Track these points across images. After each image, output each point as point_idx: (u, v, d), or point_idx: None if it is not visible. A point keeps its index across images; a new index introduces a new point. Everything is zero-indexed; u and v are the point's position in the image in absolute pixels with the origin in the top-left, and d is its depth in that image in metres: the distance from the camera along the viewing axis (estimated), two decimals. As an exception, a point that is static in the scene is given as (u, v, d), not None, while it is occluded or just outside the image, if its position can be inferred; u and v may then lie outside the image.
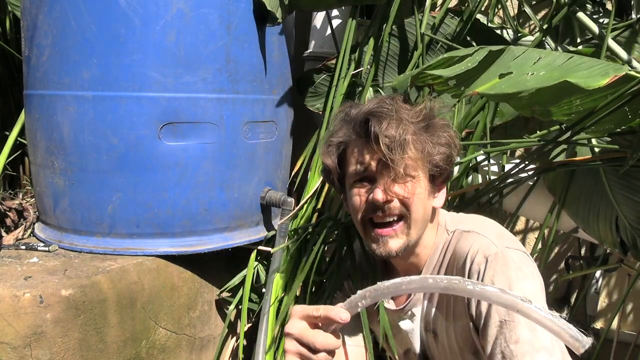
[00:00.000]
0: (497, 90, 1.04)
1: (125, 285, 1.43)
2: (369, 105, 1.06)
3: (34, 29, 1.53)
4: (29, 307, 1.24)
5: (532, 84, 0.99)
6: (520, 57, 1.12)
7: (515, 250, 1.01)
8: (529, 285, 0.97)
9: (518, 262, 0.99)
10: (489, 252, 0.99)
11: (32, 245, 1.56)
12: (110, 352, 1.40)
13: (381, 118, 1.01)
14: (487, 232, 1.04)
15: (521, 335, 0.92)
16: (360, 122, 1.04)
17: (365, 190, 1.06)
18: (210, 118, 1.53)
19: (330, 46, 1.93)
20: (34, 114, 1.59)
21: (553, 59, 1.06)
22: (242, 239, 1.68)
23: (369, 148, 1.03)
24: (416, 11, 1.68)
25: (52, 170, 1.56)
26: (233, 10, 1.53)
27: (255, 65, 1.61)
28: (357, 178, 1.06)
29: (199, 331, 1.69)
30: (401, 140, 1.00)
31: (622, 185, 1.46)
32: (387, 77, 1.80)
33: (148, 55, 1.45)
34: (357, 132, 1.05)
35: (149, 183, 1.51)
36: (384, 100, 1.06)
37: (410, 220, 1.04)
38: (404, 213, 1.04)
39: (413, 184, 1.03)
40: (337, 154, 1.10)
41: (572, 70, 1.00)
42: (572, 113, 1.17)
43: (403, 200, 1.03)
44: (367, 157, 1.04)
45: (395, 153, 0.99)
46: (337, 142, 1.10)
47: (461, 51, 1.18)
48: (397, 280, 0.74)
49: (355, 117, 1.06)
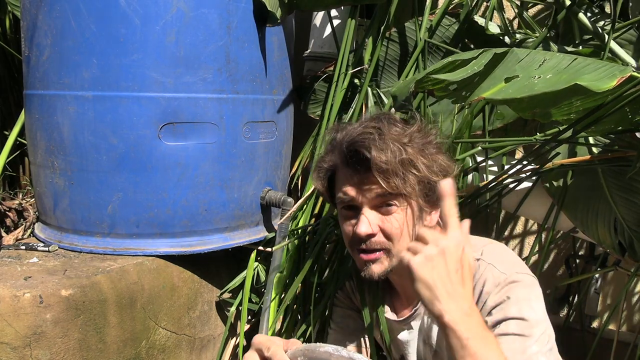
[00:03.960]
0: (504, 95, 1.01)
1: (125, 286, 1.43)
2: (353, 130, 1.04)
3: (33, 29, 1.53)
4: (29, 307, 1.24)
5: (540, 87, 0.97)
6: (525, 59, 1.10)
7: (524, 275, 1.00)
8: (540, 307, 0.97)
9: (529, 286, 0.99)
10: (498, 280, 0.98)
11: (32, 246, 1.56)
12: (110, 352, 1.40)
13: (363, 145, 0.99)
14: (495, 260, 1.02)
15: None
16: (343, 150, 1.03)
17: (352, 219, 1.06)
18: (210, 118, 1.53)
19: (330, 46, 1.93)
20: (34, 114, 1.59)
21: (558, 61, 1.05)
22: (242, 239, 1.68)
23: (352, 177, 1.03)
24: (416, 13, 1.68)
25: (52, 170, 1.56)
26: (233, 10, 1.53)
27: (255, 65, 1.61)
28: (343, 206, 1.07)
29: (199, 331, 1.69)
30: (387, 167, 0.98)
31: (620, 187, 1.46)
32: (387, 82, 1.80)
33: (148, 55, 1.45)
34: (341, 159, 1.05)
35: (149, 183, 1.51)
36: (368, 125, 1.03)
37: (393, 252, 1.04)
38: (386, 247, 1.04)
39: (399, 215, 1.03)
40: (326, 179, 1.10)
41: (580, 73, 0.99)
42: (572, 113, 1.17)
43: (386, 234, 1.03)
44: (350, 187, 1.03)
45: (380, 179, 0.98)
46: (326, 168, 1.10)
47: (464, 54, 1.16)
48: (330, 349, 0.78)
49: (339, 144, 1.05)
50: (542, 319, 0.96)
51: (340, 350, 0.77)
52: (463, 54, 1.18)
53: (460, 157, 1.55)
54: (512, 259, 1.05)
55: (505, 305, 0.96)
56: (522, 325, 0.94)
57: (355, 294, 1.29)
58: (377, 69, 1.78)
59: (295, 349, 0.81)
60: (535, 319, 0.95)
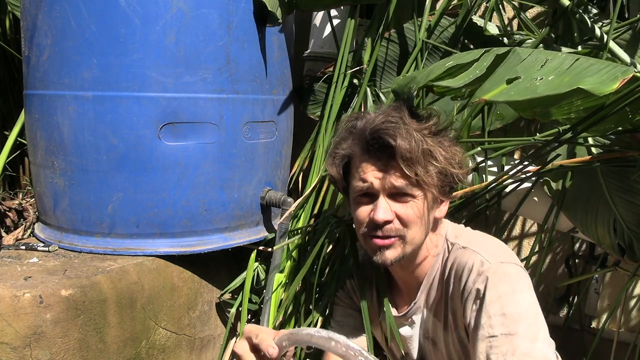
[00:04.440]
0: (506, 97, 1.00)
1: (125, 286, 1.43)
2: (375, 118, 1.05)
3: (33, 29, 1.53)
4: (29, 307, 1.24)
5: (543, 90, 0.96)
6: (527, 59, 1.08)
7: (509, 265, 1.01)
8: (525, 298, 0.97)
9: (514, 276, 0.99)
10: (482, 268, 1.00)
11: (32, 246, 1.56)
12: (110, 352, 1.40)
13: (388, 133, 1.00)
14: (481, 248, 1.04)
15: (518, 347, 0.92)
16: (365, 137, 1.03)
17: (367, 206, 1.06)
18: (210, 118, 1.53)
19: (330, 46, 1.93)
20: (34, 114, 1.59)
21: (560, 62, 1.04)
22: (242, 239, 1.68)
23: (373, 164, 1.03)
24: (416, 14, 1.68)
25: (52, 170, 1.56)
26: (233, 10, 1.53)
27: (255, 65, 1.62)
28: (360, 193, 1.07)
29: (199, 331, 1.69)
30: (410, 155, 0.99)
31: (619, 188, 1.46)
32: (386, 82, 1.80)
33: (148, 55, 1.45)
34: (362, 146, 1.05)
35: (149, 183, 1.51)
36: (390, 114, 1.04)
37: (407, 239, 1.05)
38: (402, 233, 1.05)
39: (415, 203, 1.04)
40: (342, 166, 1.10)
41: (582, 75, 0.98)
42: (572, 113, 1.17)
43: (403, 220, 1.04)
44: (370, 174, 1.04)
45: (404, 167, 0.99)
46: (342, 155, 1.09)
47: (466, 56, 1.15)
48: (312, 331, 0.82)
49: (361, 131, 1.05)
50: (527, 310, 0.95)
51: (321, 331, 0.81)
52: (464, 55, 1.16)
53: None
54: (499, 249, 1.06)
55: (488, 303, 0.96)
56: (506, 322, 0.93)
57: (356, 293, 1.30)
58: (377, 70, 1.78)
59: (282, 335, 0.85)
60: (519, 312, 0.94)
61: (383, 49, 1.76)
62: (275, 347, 0.84)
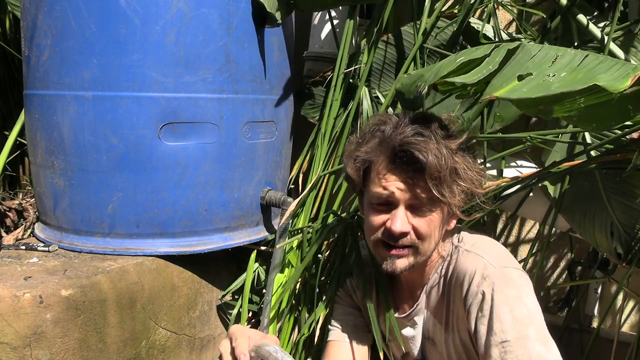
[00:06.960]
0: (519, 95, 0.97)
1: (125, 286, 1.43)
2: (405, 128, 1.03)
3: (33, 29, 1.53)
4: (29, 307, 1.24)
5: (557, 87, 0.94)
6: (537, 55, 1.06)
7: (512, 269, 1.01)
8: (531, 302, 0.98)
9: (517, 280, 1.00)
10: (487, 272, 1.00)
11: (32, 246, 1.56)
12: (110, 352, 1.40)
13: (418, 148, 0.99)
14: (484, 252, 1.04)
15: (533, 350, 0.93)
16: (394, 147, 1.02)
17: (384, 215, 1.05)
18: (210, 118, 1.53)
19: (330, 46, 1.93)
20: (34, 114, 1.59)
21: (570, 58, 1.02)
22: (242, 239, 1.68)
23: (398, 175, 1.02)
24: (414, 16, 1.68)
25: (52, 170, 1.56)
26: (233, 10, 1.53)
27: (255, 65, 1.62)
28: (378, 201, 1.05)
29: (199, 331, 1.69)
30: (439, 175, 0.99)
31: (616, 190, 1.45)
32: (385, 85, 1.80)
33: (148, 55, 1.45)
34: (388, 155, 1.03)
35: (149, 183, 1.51)
36: (420, 126, 1.02)
37: (420, 250, 1.06)
38: (416, 245, 1.05)
39: (432, 217, 1.03)
40: (362, 169, 1.09)
41: (595, 72, 0.96)
42: (574, 110, 1.17)
43: (419, 233, 1.04)
44: (392, 184, 1.02)
45: (432, 185, 0.99)
46: (364, 158, 1.07)
47: (477, 52, 1.12)
48: (271, 349, 0.82)
49: (389, 139, 1.03)
50: (535, 314, 0.96)
51: (278, 351, 0.81)
52: (474, 51, 1.12)
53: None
54: (501, 253, 1.06)
55: (497, 308, 0.96)
56: (517, 326, 0.94)
57: (356, 292, 1.30)
58: (376, 71, 1.77)
59: (253, 345, 0.86)
60: (528, 316, 0.95)
61: (382, 51, 1.76)
62: (247, 355, 0.84)
